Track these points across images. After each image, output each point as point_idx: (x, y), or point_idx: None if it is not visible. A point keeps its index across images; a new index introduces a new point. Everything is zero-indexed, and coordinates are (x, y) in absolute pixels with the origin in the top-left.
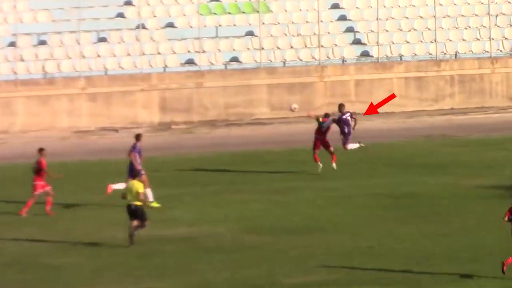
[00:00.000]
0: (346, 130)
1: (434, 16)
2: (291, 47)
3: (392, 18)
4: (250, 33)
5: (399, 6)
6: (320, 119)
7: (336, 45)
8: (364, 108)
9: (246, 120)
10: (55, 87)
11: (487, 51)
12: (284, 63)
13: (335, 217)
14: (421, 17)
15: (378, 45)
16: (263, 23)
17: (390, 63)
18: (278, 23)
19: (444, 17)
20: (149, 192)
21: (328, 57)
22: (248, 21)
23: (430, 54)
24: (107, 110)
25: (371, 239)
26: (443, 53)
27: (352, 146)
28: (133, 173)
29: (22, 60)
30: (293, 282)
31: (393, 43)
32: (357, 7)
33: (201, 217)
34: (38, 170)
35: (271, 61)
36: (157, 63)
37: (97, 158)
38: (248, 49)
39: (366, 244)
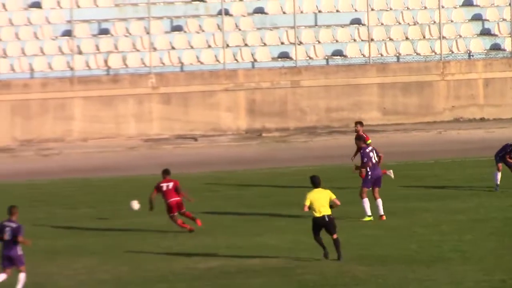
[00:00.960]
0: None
1: None
2: (406, 38)
3: None
4: (357, 21)
5: None
6: None
7: (460, 36)
8: (495, 113)
9: (352, 127)
10: (120, 85)
11: None
12: (398, 57)
13: (462, 245)
14: None
15: (511, 36)
16: (372, 9)
17: None
18: (390, 8)
19: None
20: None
21: (451, 50)
22: (354, 6)
23: None
24: (184, 114)
25: (506, 271)
26: None
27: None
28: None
29: (79, 53)
30: None
31: None
32: None
33: (297, 243)
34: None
35: (382, 55)
36: (243, 57)
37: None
38: (354, 40)
39: (500, 278)
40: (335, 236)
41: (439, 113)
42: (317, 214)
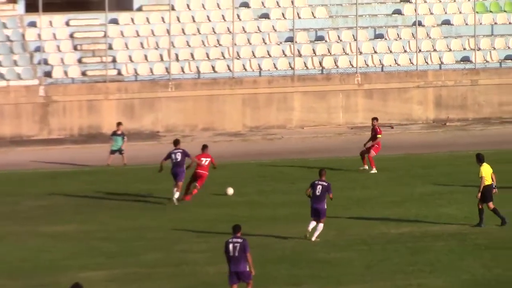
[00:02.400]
0: None
1: None
2: None
3: None
4: None
5: None
6: None
7: None
8: None
9: None
10: (331, 83)
11: None
12: None
13: None
14: None
15: None
16: None
17: None
18: None
19: None
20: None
21: None
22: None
23: None
24: (383, 106)
25: None
26: None
27: None
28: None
29: (299, 55)
30: None
31: None
32: None
33: (471, 214)
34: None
35: None
36: (433, 60)
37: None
38: None
39: None
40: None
41: None
42: (487, 182)
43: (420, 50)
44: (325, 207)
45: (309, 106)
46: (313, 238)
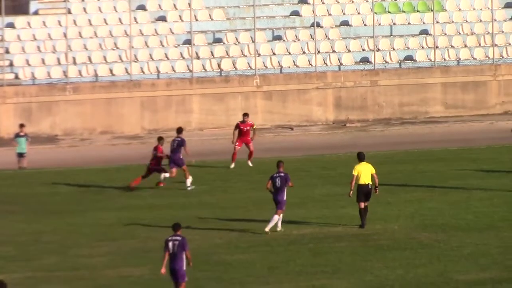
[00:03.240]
0: None
1: None
2: (465, 46)
3: None
4: (425, 32)
5: None
6: None
7: (509, 44)
8: None
9: (420, 119)
10: (230, 85)
11: None
12: (458, 61)
13: (510, 215)
14: None
15: None
16: (437, 22)
17: None
18: (452, 21)
19: None
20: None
21: (501, 56)
22: (422, 19)
23: None
24: (282, 108)
25: None
26: None
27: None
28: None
29: (197, 58)
30: (466, 279)
31: None
32: None
33: (374, 214)
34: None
35: (445, 59)
36: (331, 61)
37: (271, 155)
38: (423, 47)
39: None
40: (366, 203)
41: (491, 107)
42: (361, 182)
43: (318, 52)
44: (285, 198)
45: (208, 108)
46: (266, 229)
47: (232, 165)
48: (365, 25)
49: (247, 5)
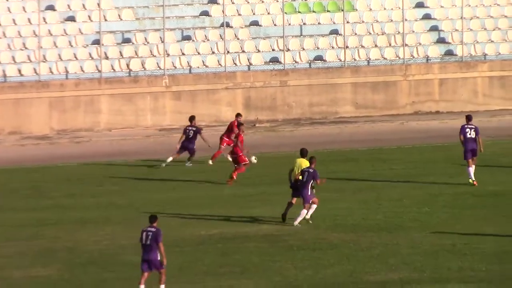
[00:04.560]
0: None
1: None
2: (375, 45)
3: (477, 17)
4: (335, 32)
5: (483, 5)
6: None
7: (420, 44)
8: (448, 107)
9: (330, 119)
10: (139, 85)
11: None
12: (368, 61)
13: (420, 216)
14: (505, 16)
15: (462, 44)
16: (348, 22)
17: (474, 62)
18: (363, 21)
19: None
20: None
21: (412, 55)
22: (332, 19)
23: None
24: (191, 108)
25: (456, 237)
26: None
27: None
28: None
29: (106, 58)
30: (376, 280)
31: (477, 42)
32: (441, 6)
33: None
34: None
35: (355, 59)
36: (241, 61)
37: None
38: (333, 47)
39: (451, 242)
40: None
41: (401, 107)
42: (297, 178)
43: (228, 52)
44: (309, 193)
45: (117, 108)
46: (295, 223)
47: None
48: (275, 25)
49: (156, 5)
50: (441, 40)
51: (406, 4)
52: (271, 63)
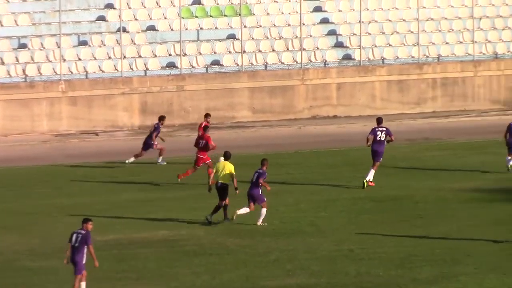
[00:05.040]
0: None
1: (417, 19)
2: (273, 50)
3: (375, 21)
4: (232, 36)
5: (382, 9)
6: None
7: (318, 48)
8: (346, 111)
9: (227, 124)
10: (35, 90)
11: (470, 54)
12: (266, 66)
13: (317, 220)
14: (404, 20)
15: (360, 48)
16: (245, 26)
17: (372, 67)
18: (260, 26)
19: (427, 20)
20: None
21: (310, 60)
22: (230, 24)
23: (412, 57)
24: (88, 114)
25: (353, 242)
26: (425, 56)
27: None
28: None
29: (2, 63)
30: (273, 285)
31: (375, 46)
32: (339, 10)
33: (181, 220)
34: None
35: (252, 64)
36: (138, 66)
37: (78, 161)
38: (230, 52)
39: (348, 247)
40: (226, 201)
41: (299, 111)
42: (217, 180)
43: (124, 57)
44: (260, 192)
45: (13, 114)
46: (259, 223)
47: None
48: (172, 30)
49: (53, 10)
50: (339, 45)
51: (304, 9)
52: (167, 68)
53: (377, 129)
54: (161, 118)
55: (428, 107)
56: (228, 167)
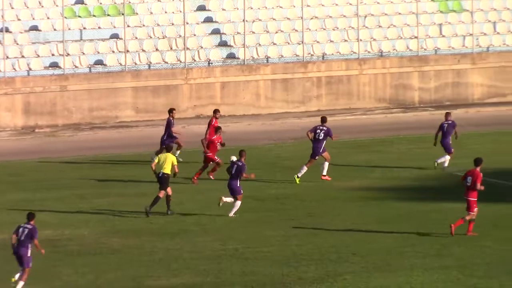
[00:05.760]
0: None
1: (301, 18)
2: (156, 49)
3: (259, 20)
4: (115, 36)
5: (266, 8)
6: None
7: (202, 47)
8: (230, 110)
9: (110, 123)
10: None
11: (355, 53)
12: (149, 65)
13: (202, 220)
14: (288, 18)
15: (244, 47)
16: (128, 26)
17: (256, 65)
18: (143, 25)
19: (311, 18)
20: None
21: (193, 59)
22: (113, 23)
23: (297, 55)
24: None
25: (238, 241)
26: (310, 55)
27: None
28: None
29: None
30: (158, 285)
31: (259, 45)
32: (223, 9)
33: (64, 220)
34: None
35: (136, 63)
36: (21, 66)
37: None
38: (113, 52)
39: (233, 247)
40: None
41: (183, 111)
42: (158, 170)
43: (7, 57)
44: (238, 185)
45: None
46: (230, 215)
47: None
48: (55, 29)
49: None
50: (223, 44)
51: (188, 8)
52: (51, 68)
53: (317, 127)
54: (171, 111)
55: (313, 105)
56: (170, 159)
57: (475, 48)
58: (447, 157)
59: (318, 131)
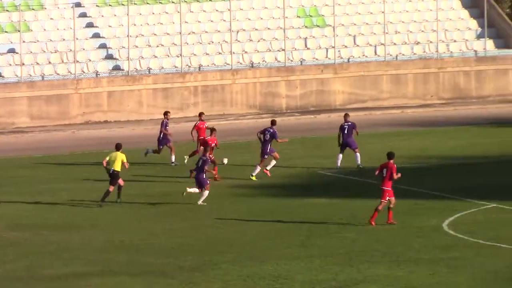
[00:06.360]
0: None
1: (180, 33)
2: (49, 62)
3: (142, 35)
4: (12, 50)
5: (148, 24)
6: None
7: (90, 60)
8: (116, 116)
9: (8, 129)
10: None
11: (229, 64)
12: (43, 77)
13: (91, 215)
14: (168, 34)
15: (128, 59)
16: (24, 41)
17: (139, 76)
18: (38, 41)
19: (189, 33)
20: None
21: (83, 71)
22: (10, 39)
23: (176, 67)
24: None
25: (125, 234)
26: (188, 66)
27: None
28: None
29: None
30: (51, 274)
31: (142, 57)
32: (109, 26)
33: None
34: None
35: (31, 75)
36: None
37: None
38: (10, 65)
39: (120, 239)
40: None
41: (73, 117)
42: (110, 167)
43: None
44: (204, 176)
45: None
46: (199, 203)
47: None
48: None
49: None
50: (109, 57)
51: (77, 25)
52: None
53: (266, 130)
54: (166, 113)
55: (190, 112)
56: (120, 157)
57: (337, 59)
58: (358, 155)
59: (266, 132)
